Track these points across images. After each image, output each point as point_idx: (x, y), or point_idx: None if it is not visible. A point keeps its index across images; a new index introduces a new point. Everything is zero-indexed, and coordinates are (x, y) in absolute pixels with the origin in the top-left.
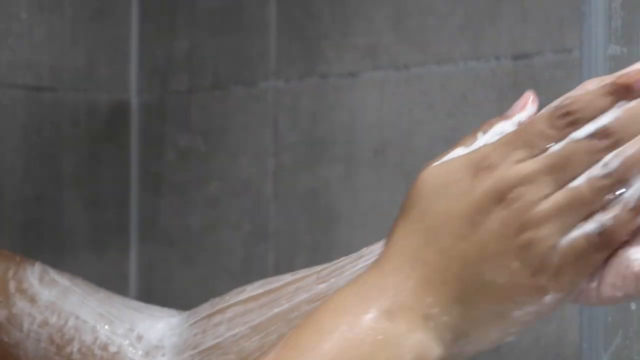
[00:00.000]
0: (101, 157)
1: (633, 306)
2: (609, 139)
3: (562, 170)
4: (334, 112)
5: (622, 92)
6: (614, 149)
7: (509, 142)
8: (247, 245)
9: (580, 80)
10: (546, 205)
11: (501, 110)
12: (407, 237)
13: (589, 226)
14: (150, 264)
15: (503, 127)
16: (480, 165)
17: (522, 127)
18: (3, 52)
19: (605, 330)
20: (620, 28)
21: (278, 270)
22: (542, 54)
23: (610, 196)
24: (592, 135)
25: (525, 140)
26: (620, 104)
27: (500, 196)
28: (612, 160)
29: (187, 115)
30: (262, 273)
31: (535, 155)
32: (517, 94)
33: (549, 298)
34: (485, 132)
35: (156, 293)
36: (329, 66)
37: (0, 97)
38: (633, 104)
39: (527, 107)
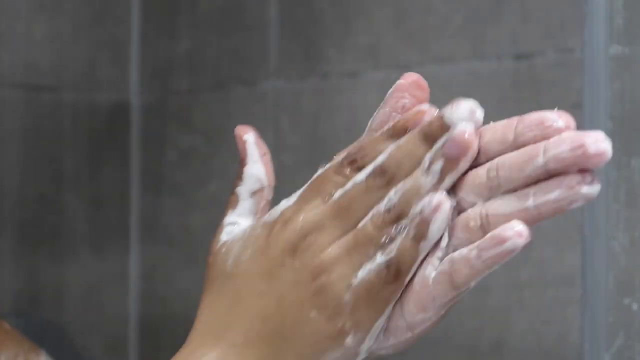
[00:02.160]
0: (102, 157)
1: (635, 307)
2: (385, 176)
3: (346, 213)
4: (335, 112)
5: (400, 134)
6: (394, 186)
7: (303, 195)
8: None
9: (582, 81)
10: (335, 248)
11: (502, 110)
12: (213, 306)
13: (377, 261)
14: (151, 265)
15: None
16: (276, 221)
17: (315, 178)
18: (3, 52)
19: (607, 331)
20: (623, 28)
21: None
22: (544, 54)
23: (395, 231)
24: (370, 176)
25: (316, 190)
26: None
27: (294, 247)
28: (393, 196)
29: (188, 116)
30: None
31: (325, 203)
32: (519, 94)
33: (350, 340)
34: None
35: (157, 293)
36: (330, 66)
37: (0, 97)
38: (403, 141)
39: None
